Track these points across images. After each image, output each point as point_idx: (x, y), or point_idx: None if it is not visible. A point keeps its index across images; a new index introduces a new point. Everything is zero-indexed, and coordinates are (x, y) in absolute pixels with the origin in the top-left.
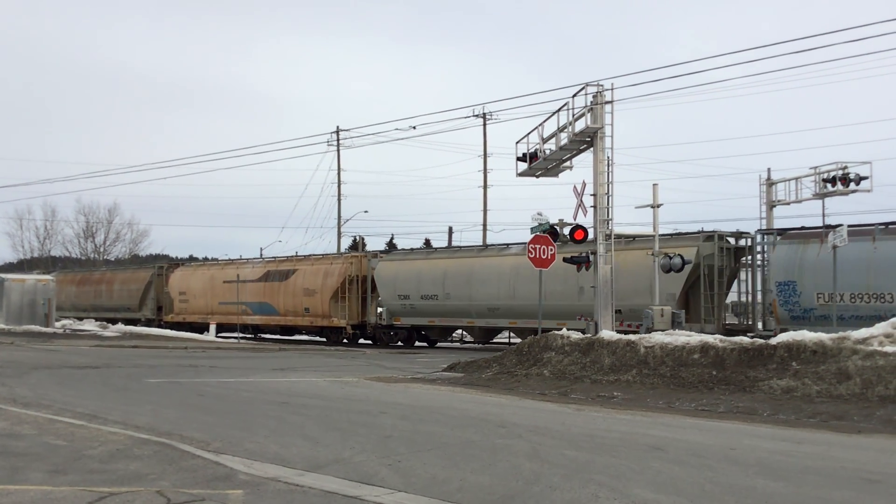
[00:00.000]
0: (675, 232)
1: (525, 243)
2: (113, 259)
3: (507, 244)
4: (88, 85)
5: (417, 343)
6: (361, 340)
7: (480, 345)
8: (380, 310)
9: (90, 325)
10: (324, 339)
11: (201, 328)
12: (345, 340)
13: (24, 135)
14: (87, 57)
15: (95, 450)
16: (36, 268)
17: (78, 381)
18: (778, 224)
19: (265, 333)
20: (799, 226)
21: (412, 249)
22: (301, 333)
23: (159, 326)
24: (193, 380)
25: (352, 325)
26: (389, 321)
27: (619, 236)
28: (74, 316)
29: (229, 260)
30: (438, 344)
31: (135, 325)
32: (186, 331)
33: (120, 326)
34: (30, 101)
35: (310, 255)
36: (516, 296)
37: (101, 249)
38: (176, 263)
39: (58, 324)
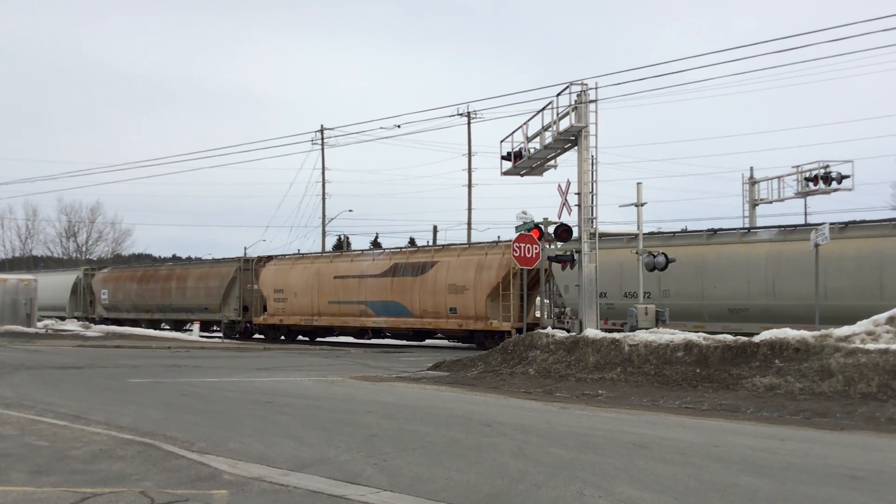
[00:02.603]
0: None
1: (784, 226)
2: (95, 258)
3: (748, 228)
4: (70, 83)
5: None
6: None
7: None
8: (558, 310)
9: (72, 325)
10: (473, 345)
11: (303, 331)
12: None
13: (5, 133)
14: (70, 55)
15: (78, 450)
16: (18, 267)
17: (60, 382)
18: (760, 223)
19: (390, 338)
20: None
21: (601, 234)
22: (437, 337)
23: (246, 330)
24: (177, 380)
25: (516, 329)
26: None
27: (603, 235)
28: (133, 318)
29: (339, 252)
30: None
31: (208, 329)
32: (283, 334)
33: (102, 327)
34: (11, 100)
35: (453, 244)
36: (776, 293)
37: (84, 249)
38: (268, 256)
39: (40, 324)
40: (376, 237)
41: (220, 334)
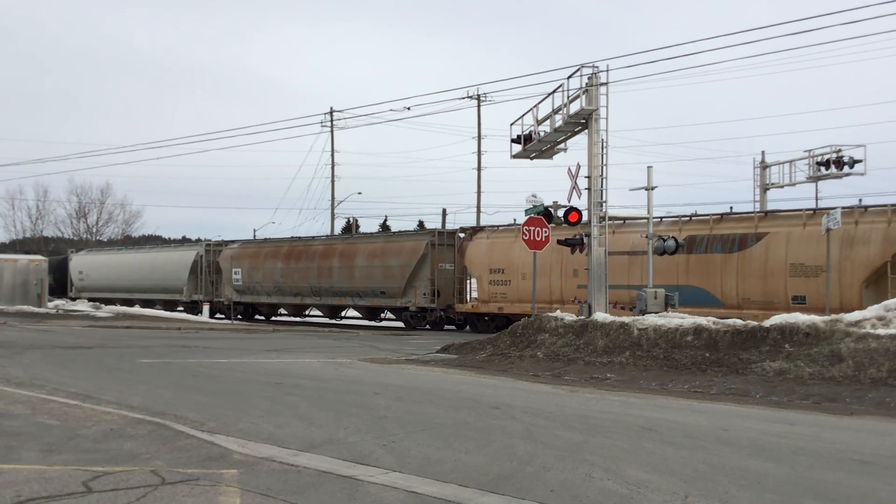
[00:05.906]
0: None
1: None
2: (105, 240)
3: None
4: (81, 65)
5: None
6: None
7: None
8: None
9: (83, 306)
10: None
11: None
12: None
13: (16, 114)
14: (81, 37)
15: (89, 429)
16: (27, 249)
17: (71, 362)
18: (771, 207)
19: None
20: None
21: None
22: None
23: (441, 320)
24: (187, 360)
25: None
26: None
27: (612, 219)
28: (274, 302)
29: None
30: None
31: (375, 316)
32: (502, 324)
33: (113, 307)
34: (23, 80)
35: (785, 211)
36: None
37: (94, 230)
38: (475, 227)
39: (50, 304)
40: (385, 220)
41: (400, 323)
